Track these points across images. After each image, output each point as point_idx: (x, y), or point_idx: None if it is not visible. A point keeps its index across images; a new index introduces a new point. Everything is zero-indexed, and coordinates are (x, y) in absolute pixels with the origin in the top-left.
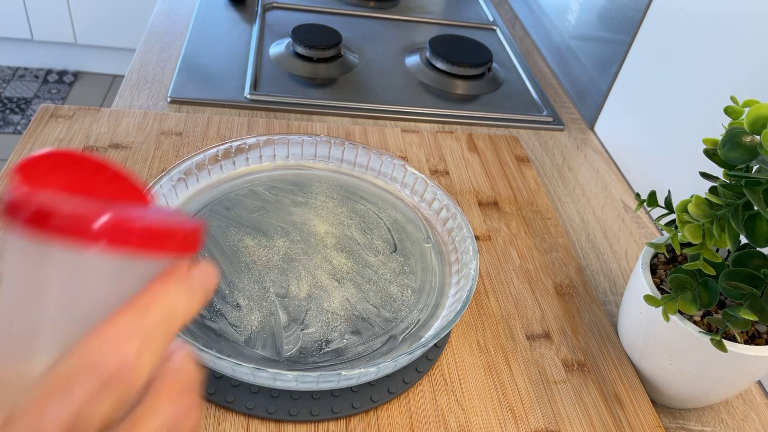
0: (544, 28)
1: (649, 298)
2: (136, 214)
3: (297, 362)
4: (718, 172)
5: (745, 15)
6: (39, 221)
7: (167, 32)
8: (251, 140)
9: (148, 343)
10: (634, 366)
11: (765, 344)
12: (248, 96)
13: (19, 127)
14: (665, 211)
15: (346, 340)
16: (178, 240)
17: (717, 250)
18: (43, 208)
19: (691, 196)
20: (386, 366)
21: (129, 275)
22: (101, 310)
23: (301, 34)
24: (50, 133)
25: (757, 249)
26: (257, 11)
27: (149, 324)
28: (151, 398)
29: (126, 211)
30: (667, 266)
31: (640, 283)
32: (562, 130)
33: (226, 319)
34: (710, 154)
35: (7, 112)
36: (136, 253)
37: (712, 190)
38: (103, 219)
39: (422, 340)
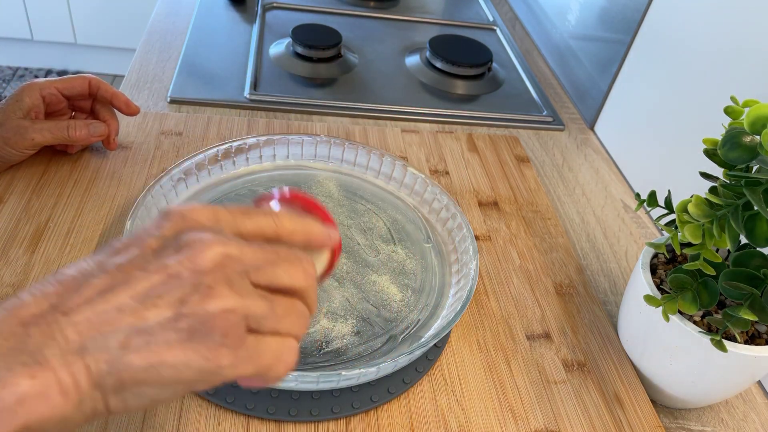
0: (544, 28)
1: (649, 298)
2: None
3: (297, 362)
4: (718, 172)
5: (745, 15)
6: (286, 200)
7: (167, 32)
8: (251, 140)
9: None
10: (634, 366)
11: (765, 344)
12: (248, 96)
13: None
14: (665, 211)
15: (346, 340)
16: (320, 216)
17: (717, 250)
18: (287, 196)
19: (691, 196)
20: (386, 366)
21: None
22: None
23: (301, 34)
24: None
25: (757, 249)
26: (257, 11)
27: (289, 222)
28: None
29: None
30: (667, 266)
31: (640, 283)
32: (562, 130)
33: None
34: (710, 154)
35: None
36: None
37: (712, 190)
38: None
39: (422, 340)
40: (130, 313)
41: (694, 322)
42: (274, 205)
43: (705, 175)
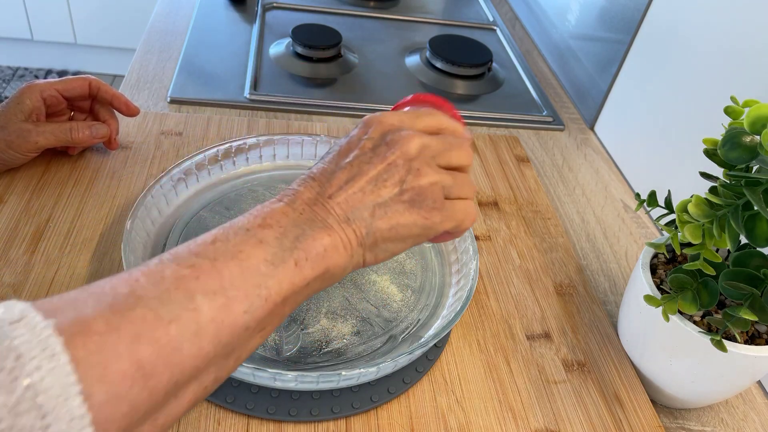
0: (544, 28)
1: (649, 298)
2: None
3: (297, 362)
4: (718, 172)
5: (745, 15)
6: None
7: (167, 32)
8: (251, 140)
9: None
10: (634, 366)
11: (765, 344)
12: (248, 96)
13: None
14: (665, 211)
15: (346, 340)
16: (450, 113)
17: (717, 250)
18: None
19: (691, 196)
20: (386, 366)
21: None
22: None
23: (301, 34)
24: None
25: (757, 249)
26: (257, 11)
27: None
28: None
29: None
30: (667, 266)
31: (640, 283)
32: (562, 130)
33: None
34: (710, 154)
35: None
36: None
37: (712, 190)
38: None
39: (422, 340)
40: (370, 193)
41: (694, 322)
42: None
43: (705, 175)
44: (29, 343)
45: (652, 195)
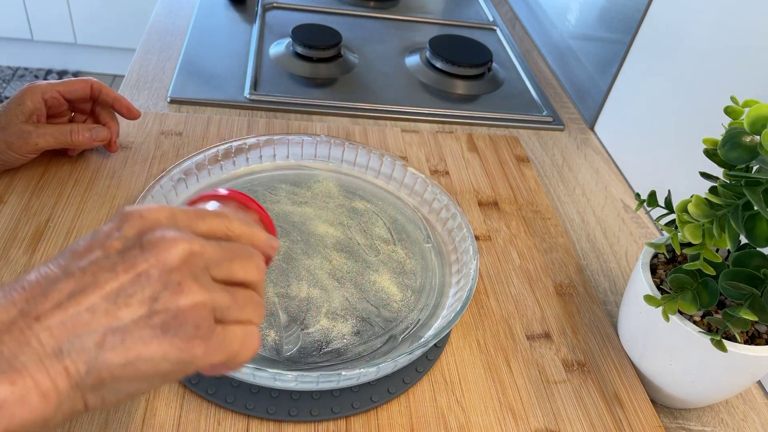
0: (544, 28)
1: (649, 298)
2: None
3: (297, 362)
4: (718, 172)
5: (745, 14)
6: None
7: (167, 32)
8: (251, 140)
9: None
10: (634, 366)
11: (765, 344)
12: (248, 96)
13: None
14: (665, 211)
15: (346, 340)
16: (257, 214)
17: (717, 250)
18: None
19: (691, 196)
20: (386, 366)
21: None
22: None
23: (301, 34)
24: None
25: (757, 249)
26: (257, 11)
27: (238, 225)
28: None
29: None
30: (667, 266)
31: (640, 283)
32: (562, 130)
33: None
34: (710, 154)
35: None
36: (241, 207)
37: (712, 190)
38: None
39: (422, 340)
40: (103, 314)
41: (694, 322)
42: (214, 204)
43: (705, 175)
44: None
45: (652, 195)
